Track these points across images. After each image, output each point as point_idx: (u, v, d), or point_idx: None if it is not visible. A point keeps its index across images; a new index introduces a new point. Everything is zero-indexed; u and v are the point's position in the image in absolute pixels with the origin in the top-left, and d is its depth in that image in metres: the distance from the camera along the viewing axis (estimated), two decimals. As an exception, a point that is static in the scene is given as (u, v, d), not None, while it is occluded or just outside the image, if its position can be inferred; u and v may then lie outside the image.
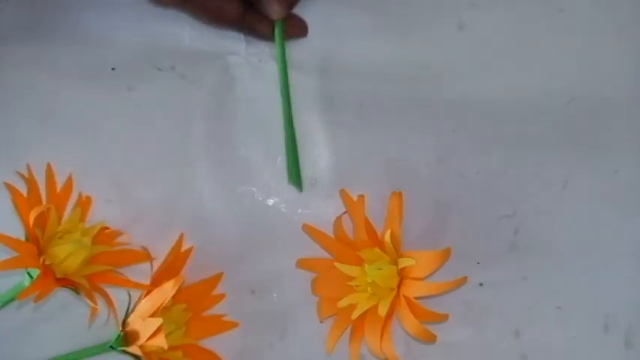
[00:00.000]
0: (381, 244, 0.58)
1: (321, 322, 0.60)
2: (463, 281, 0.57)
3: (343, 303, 0.58)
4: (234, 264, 0.60)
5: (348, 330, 0.59)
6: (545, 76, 0.61)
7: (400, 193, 0.58)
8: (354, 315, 0.57)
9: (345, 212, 0.60)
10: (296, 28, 0.61)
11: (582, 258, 0.60)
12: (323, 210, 0.61)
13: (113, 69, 0.62)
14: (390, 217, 0.58)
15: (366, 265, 0.58)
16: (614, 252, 0.61)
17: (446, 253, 0.56)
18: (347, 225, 0.60)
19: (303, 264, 0.60)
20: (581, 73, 0.62)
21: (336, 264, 0.59)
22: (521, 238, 0.61)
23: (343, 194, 0.60)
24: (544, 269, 0.60)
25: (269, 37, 0.60)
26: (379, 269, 0.57)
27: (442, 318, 0.56)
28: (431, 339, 0.56)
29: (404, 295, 0.56)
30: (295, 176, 0.59)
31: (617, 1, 0.63)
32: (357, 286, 0.58)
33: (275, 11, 0.58)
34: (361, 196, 0.59)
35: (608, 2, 0.63)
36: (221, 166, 0.61)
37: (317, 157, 0.62)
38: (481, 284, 0.60)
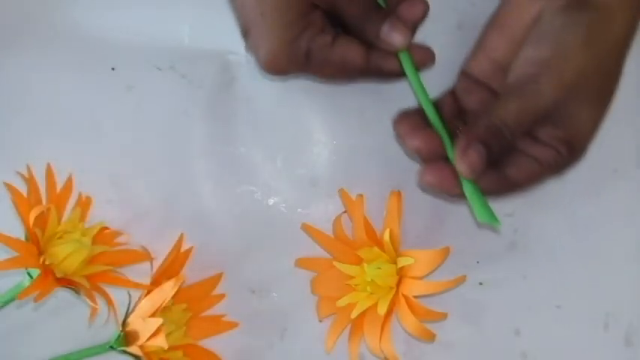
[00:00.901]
0: (380, 244, 0.58)
1: (320, 321, 0.60)
2: (462, 280, 0.57)
3: (342, 302, 0.58)
4: (234, 264, 0.60)
5: (348, 329, 0.59)
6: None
7: (399, 192, 0.58)
8: (354, 314, 0.57)
9: (345, 212, 0.60)
10: (423, 57, 0.56)
11: (582, 257, 0.60)
12: (323, 210, 0.61)
13: (113, 69, 0.62)
14: (389, 216, 0.58)
15: (365, 265, 0.58)
16: (614, 250, 0.61)
17: (444, 252, 0.56)
18: (346, 225, 0.60)
19: (302, 263, 0.60)
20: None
21: (335, 263, 0.59)
22: (520, 237, 0.61)
23: (342, 194, 0.60)
24: (544, 268, 0.60)
25: (399, 74, 0.56)
26: (378, 268, 0.57)
27: (441, 317, 0.56)
28: (430, 338, 0.56)
29: (403, 294, 0.56)
30: (487, 213, 0.52)
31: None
32: (356, 285, 0.58)
33: (398, 41, 0.54)
34: (360, 196, 0.59)
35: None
36: (221, 166, 0.61)
37: (317, 156, 0.62)
38: (481, 283, 0.60)
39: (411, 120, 0.54)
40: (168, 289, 0.56)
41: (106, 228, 0.59)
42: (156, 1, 0.62)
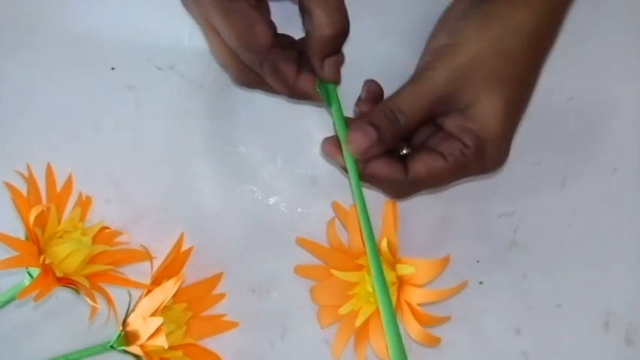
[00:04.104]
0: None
1: (322, 328, 0.60)
2: (463, 286, 0.56)
3: (344, 310, 0.58)
4: (235, 264, 0.60)
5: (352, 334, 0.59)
6: (544, 74, 0.61)
7: (394, 202, 0.58)
8: (358, 322, 0.57)
9: (336, 217, 0.60)
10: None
11: (582, 256, 0.61)
12: (323, 209, 0.61)
13: (113, 68, 0.62)
14: (385, 225, 0.58)
15: (366, 275, 0.58)
16: (614, 250, 0.61)
17: (444, 262, 0.56)
18: (341, 232, 0.60)
19: (300, 271, 0.60)
20: (581, 72, 0.62)
21: (334, 271, 0.58)
22: (520, 237, 0.61)
23: (335, 206, 0.60)
24: (544, 267, 0.60)
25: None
26: None
27: (444, 320, 0.56)
28: (435, 343, 0.56)
29: (405, 300, 0.56)
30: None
31: (617, 1, 0.63)
32: (356, 293, 0.58)
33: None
34: (353, 206, 0.59)
35: (607, 1, 0.63)
36: (221, 166, 0.61)
37: (317, 156, 0.62)
38: (481, 283, 0.60)
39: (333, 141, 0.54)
40: (168, 288, 0.56)
41: (106, 227, 0.59)
42: (156, 1, 0.62)
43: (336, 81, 0.55)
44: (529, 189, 0.61)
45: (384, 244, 0.57)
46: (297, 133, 0.62)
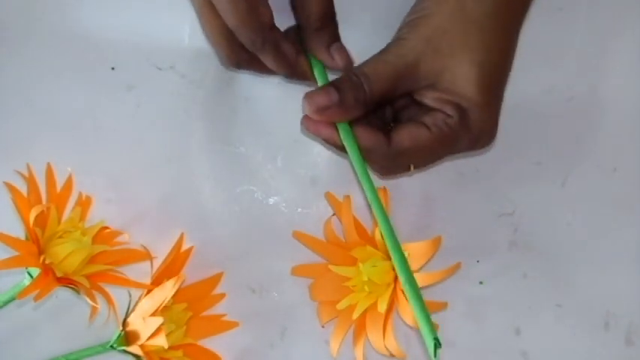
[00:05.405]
0: (372, 242, 0.58)
1: (322, 326, 0.60)
2: (457, 267, 0.56)
3: (342, 305, 0.58)
4: (235, 263, 0.60)
5: (351, 331, 0.59)
6: (544, 74, 0.61)
7: (385, 188, 0.58)
8: (355, 314, 0.57)
9: (334, 215, 0.60)
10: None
11: (582, 256, 0.61)
12: (323, 209, 0.61)
13: (113, 68, 0.62)
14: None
15: (360, 264, 0.58)
16: (614, 250, 0.61)
17: (437, 242, 0.55)
18: (338, 227, 0.60)
19: (297, 271, 0.60)
20: (581, 72, 0.62)
21: (331, 266, 0.58)
22: (520, 236, 0.61)
23: (329, 197, 0.60)
24: (544, 267, 0.60)
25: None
26: (373, 266, 0.57)
27: (441, 307, 0.56)
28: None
29: (401, 289, 0.56)
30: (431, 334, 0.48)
31: (617, 1, 0.63)
32: (353, 286, 0.58)
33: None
34: (347, 197, 0.59)
35: (607, 1, 0.63)
36: (221, 166, 0.61)
37: (317, 156, 0.62)
38: (481, 282, 0.60)
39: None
40: (168, 288, 0.56)
41: (106, 227, 0.59)
42: (156, 1, 0.62)
43: (350, 66, 0.55)
44: (529, 189, 0.61)
45: (377, 233, 0.57)
46: (297, 133, 0.62)
